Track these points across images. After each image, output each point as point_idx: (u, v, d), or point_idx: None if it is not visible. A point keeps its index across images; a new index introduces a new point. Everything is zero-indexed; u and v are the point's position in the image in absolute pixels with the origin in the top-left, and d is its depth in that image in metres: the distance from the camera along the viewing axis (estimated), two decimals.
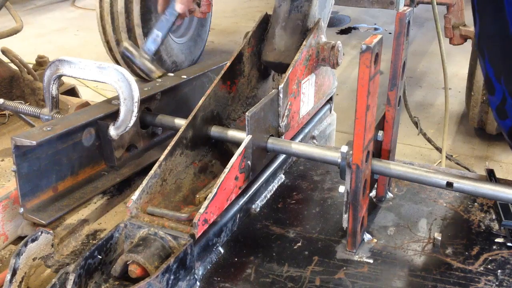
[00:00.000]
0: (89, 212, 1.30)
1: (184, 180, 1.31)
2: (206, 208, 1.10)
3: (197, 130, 1.35)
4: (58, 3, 8.49)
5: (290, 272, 1.14)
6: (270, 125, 1.36)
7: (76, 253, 1.19)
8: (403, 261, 1.16)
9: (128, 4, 4.73)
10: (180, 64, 5.41)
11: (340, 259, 1.18)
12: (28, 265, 1.08)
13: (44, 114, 1.49)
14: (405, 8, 1.18)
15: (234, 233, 1.28)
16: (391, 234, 1.26)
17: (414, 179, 1.22)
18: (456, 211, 1.32)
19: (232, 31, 6.53)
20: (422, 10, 5.06)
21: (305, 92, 1.52)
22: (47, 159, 1.25)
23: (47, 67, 1.41)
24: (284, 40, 1.53)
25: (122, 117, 1.33)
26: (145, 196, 1.17)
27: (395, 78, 1.23)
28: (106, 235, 1.08)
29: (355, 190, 1.14)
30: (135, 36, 4.83)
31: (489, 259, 1.15)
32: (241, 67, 1.52)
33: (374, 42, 1.02)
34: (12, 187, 1.24)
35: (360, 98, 1.06)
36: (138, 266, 1.02)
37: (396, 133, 1.34)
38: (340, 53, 1.54)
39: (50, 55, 2.04)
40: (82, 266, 1.01)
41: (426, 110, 3.97)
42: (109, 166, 1.42)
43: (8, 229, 1.24)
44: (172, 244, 1.08)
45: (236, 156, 1.19)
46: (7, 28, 2.13)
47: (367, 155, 1.14)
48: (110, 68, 1.33)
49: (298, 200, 1.41)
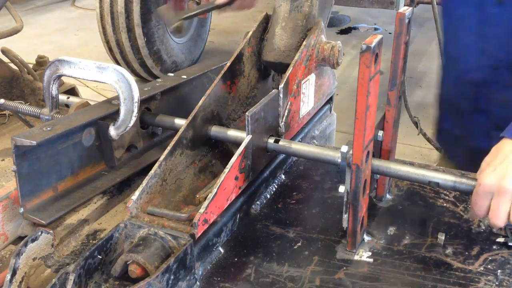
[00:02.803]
0: (89, 212, 1.30)
1: (184, 180, 1.31)
2: (206, 208, 1.10)
3: (197, 130, 1.35)
4: (58, 3, 8.49)
5: (290, 272, 1.14)
6: (270, 125, 1.36)
7: (76, 253, 1.19)
8: (403, 261, 1.16)
9: (128, 4, 4.73)
10: (180, 64, 5.41)
11: (340, 259, 1.18)
12: (28, 265, 1.08)
13: (44, 114, 1.49)
14: (405, 8, 1.18)
15: (234, 233, 1.28)
16: (391, 234, 1.26)
17: (414, 179, 1.22)
18: (456, 211, 1.32)
19: (232, 31, 6.53)
20: (422, 10, 5.06)
21: (305, 92, 1.52)
22: (47, 159, 1.25)
23: (47, 67, 1.41)
24: (284, 40, 1.53)
25: (122, 117, 1.33)
26: (145, 196, 1.17)
27: (395, 78, 1.23)
28: (106, 235, 1.08)
29: (355, 190, 1.14)
30: (135, 36, 4.83)
31: (489, 259, 1.15)
32: (241, 67, 1.52)
33: (374, 42, 1.02)
34: (12, 187, 1.24)
35: (360, 98, 1.06)
36: (138, 266, 1.02)
37: (396, 133, 1.34)
38: (340, 53, 1.54)
39: (50, 55, 2.04)
40: (82, 266, 1.01)
41: (426, 110, 3.97)
42: (109, 166, 1.42)
43: (8, 229, 1.24)
44: (172, 244, 1.08)
45: (236, 156, 1.19)
46: (7, 28, 2.12)
47: (367, 155, 1.14)
48: (110, 68, 1.33)
49: (298, 200, 1.41)
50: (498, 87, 1.70)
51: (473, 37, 1.69)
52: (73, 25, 7.24)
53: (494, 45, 1.65)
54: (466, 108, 1.83)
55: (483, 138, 1.79)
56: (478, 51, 1.70)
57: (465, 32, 1.73)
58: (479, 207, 1.10)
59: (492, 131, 1.75)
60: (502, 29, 1.61)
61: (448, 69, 1.89)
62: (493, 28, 1.63)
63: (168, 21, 1.93)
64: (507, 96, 1.70)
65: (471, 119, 1.83)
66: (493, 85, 1.70)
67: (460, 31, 1.73)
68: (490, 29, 1.64)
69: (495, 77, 1.69)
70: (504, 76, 1.67)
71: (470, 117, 1.83)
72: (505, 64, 1.65)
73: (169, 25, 4.63)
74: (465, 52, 1.76)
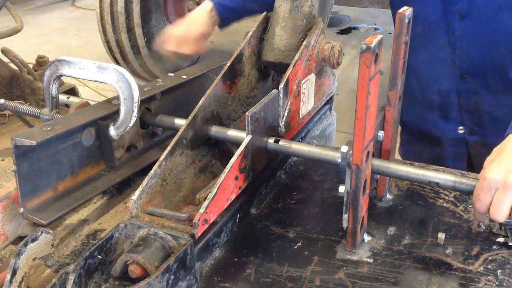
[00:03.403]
0: (89, 212, 1.30)
1: (184, 180, 1.31)
2: (206, 208, 1.10)
3: (197, 130, 1.35)
4: (58, 3, 8.49)
5: (290, 272, 1.14)
6: (270, 125, 1.36)
7: (76, 253, 1.19)
8: (403, 261, 1.16)
9: (128, 4, 4.73)
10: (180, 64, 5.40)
11: (340, 259, 1.18)
12: (28, 265, 1.08)
13: (44, 114, 1.49)
14: (405, 8, 1.18)
15: (234, 233, 1.28)
16: (391, 234, 1.26)
17: (414, 179, 1.22)
18: (456, 211, 1.32)
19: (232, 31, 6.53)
20: None
21: (305, 92, 1.52)
22: (47, 159, 1.25)
23: (47, 67, 1.41)
24: (284, 40, 1.53)
25: (122, 117, 1.33)
26: (145, 196, 1.17)
27: (395, 78, 1.23)
28: (106, 235, 1.08)
29: (355, 190, 1.14)
30: (135, 36, 4.83)
31: (489, 259, 1.15)
32: (241, 67, 1.52)
33: (374, 42, 1.02)
34: (12, 187, 1.24)
35: (360, 98, 1.06)
36: (138, 266, 1.02)
37: (396, 133, 1.34)
38: (340, 53, 1.54)
39: (50, 55, 2.04)
40: (82, 266, 1.01)
41: None
42: (109, 166, 1.42)
43: (8, 229, 1.24)
44: (172, 244, 1.08)
45: (236, 156, 1.19)
46: (7, 28, 2.12)
47: (367, 155, 1.14)
48: (110, 68, 1.33)
49: (298, 200, 1.41)
50: (467, 94, 1.78)
51: (440, 50, 1.77)
52: (73, 25, 7.24)
53: (461, 56, 1.74)
54: (434, 118, 1.88)
55: (449, 145, 1.89)
56: (445, 63, 1.78)
57: (430, 47, 1.79)
58: (482, 203, 1.10)
59: (467, 135, 1.85)
60: (467, 41, 1.70)
61: (412, 87, 1.88)
62: (459, 41, 1.71)
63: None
64: (477, 102, 1.78)
65: (439, 129, 1.89)
66: (463, 93, 1.78)
67: (424, 47, 1.79)
68: (456, 41, 1.72)
69: (463, 85, 1.77)
70: (471, 84, 1.76)
71: (438, 127, 1.89)
72: (470, 72, 1.75)
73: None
74: (431, 66, 1.81)
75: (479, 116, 1.81)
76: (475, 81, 1.75)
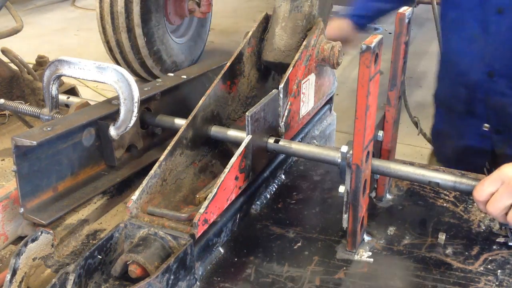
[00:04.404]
0: (89, 212, 1.30)
1: (184, 180, 1.31)
2: (206, 208, 1.10)
3: (197, 130, 1.35)
4: (58, 3, 8.49)
5: (290, 272, 1.14)
6: (270, 125, 1.36)
7: (76, 253, 1.19)
8: (403, 261, 1.16)
9: (128, 4, 4.73)
10: (180, 64, 5.41)
11: (340, 259, 1.18)
12: (28, 265, 1.08)
13: (44, 114, 1.49)
14: (405, 8, 1.18)
15: (234, 233, 1.28)
16: (391, 234, 1.26)
17: (414, 179, 1.22)
18: (456, 211, 1.32)
19: (232, 31, 6.53)
20: (422, 10, 5.06)
21: (305, 92, 1.52)
22: (47, 159, 1.25)
23: (47, 67, 1.41)
24: (284, 40, 1.53)
25: (122, 117, 1.33)
26: (145, 196, 1.17)
27: (395, 78, 1.23)
28: (106, 235, 1.08)
29: (355, 190, 1.14)
30: (135, 36, 4.83)
31: (489, 259, 1.15)
32: (241, 67, 1.52)
33: (374, 42, 1.02)
34: (12, 187, 1.24)
35: (360, 98, 1.06)
36: (138, 266, 1.02)
37: (396, 133, 1.34)
38: (340, 53, 1.54)
39: (50, 55, 2.04)
40: (82, 266, 1.01)
41: (426, 110, 3.96)
42: (109, 166, 1.42)
43: (8, 229, 1.24)
44: (172, 244, 1.08)
45: (236, 156, 1.19)
46: (7, 28, 2.12)
47: (367, 155, 1.14)
48: (110, 68, 1.33)
49: (298, 200, 1.41)
50: (494, 93, 1.74)
51: (470, 42, 1.72)
52: (73, 25, 7.25)
53: (491, 52, 1.69)
54: (459, 110, 1.86)
55: (474, 139, 1.84)
56: (474, 56, 1.73)
57: (461, 36, 1.75)
58: (482, 191, 1.09)
59: (493, 134, 1.79)
60: (500, 37, 1.65)
61: (444, 69, 1.91)
62: (491, 36, 1.66)
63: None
64: (504, 103, 1.73)
65: (464, 121, 1.86)
66: (490, 92, 1.73)
67: (456, 34, 1.75)
68: (488, 36, 1.67)
69: (491, 83, 1.73)
70: (498, 84, 1.72)
71: (463, 119, 1.86)
72: (499, 72, 1.70)
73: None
74: (461, 55, 1.78)
75: (506, 118, 1.75)
76: (503, 82, 1.69)
